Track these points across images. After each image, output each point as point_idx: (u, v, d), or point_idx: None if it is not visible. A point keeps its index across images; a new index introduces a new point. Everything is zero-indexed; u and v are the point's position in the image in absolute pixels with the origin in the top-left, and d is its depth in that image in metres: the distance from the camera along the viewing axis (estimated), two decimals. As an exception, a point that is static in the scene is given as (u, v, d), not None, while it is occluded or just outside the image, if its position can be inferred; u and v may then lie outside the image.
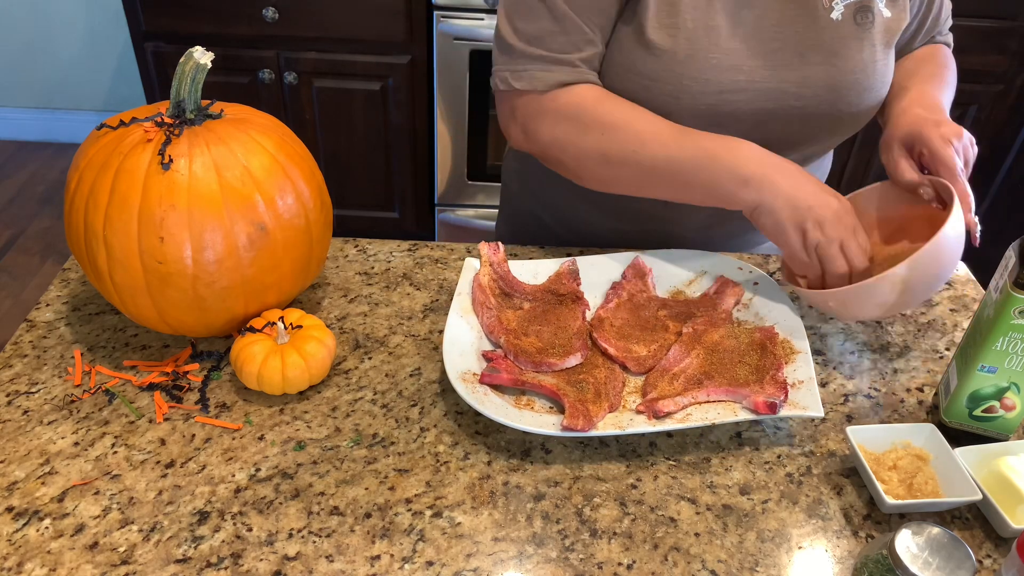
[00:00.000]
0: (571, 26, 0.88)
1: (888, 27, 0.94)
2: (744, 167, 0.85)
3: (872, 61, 0.93)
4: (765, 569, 0.69)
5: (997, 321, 0.72)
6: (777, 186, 0.84)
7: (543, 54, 0.89)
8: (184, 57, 0.79)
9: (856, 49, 0.92)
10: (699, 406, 0.81)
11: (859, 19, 0.91)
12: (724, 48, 0.88)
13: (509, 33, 0.90)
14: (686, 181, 0.88)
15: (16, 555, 0.68)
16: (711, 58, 0.88)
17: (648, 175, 0.90)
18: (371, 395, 0.84)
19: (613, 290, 0.95)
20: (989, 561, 0.71)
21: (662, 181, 0.90)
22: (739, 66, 0.89)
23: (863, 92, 0.94)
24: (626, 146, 0.89)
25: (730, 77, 0.89)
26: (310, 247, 0.86)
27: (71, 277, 0.98)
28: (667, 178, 0.89)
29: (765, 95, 0.91)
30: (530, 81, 0.90)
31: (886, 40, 0.95)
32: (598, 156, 0.90)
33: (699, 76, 0.88)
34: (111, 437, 0.78)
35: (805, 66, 0.91)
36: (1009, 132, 2.18)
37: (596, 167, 0.92)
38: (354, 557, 0.69)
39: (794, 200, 0.84)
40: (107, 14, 2.85)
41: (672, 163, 0.88)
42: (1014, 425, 0.79)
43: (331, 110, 2.22)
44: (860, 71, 0.93)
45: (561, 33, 0.88)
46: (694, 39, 0.87)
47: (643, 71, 0.89)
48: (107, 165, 0.78)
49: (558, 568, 0.69)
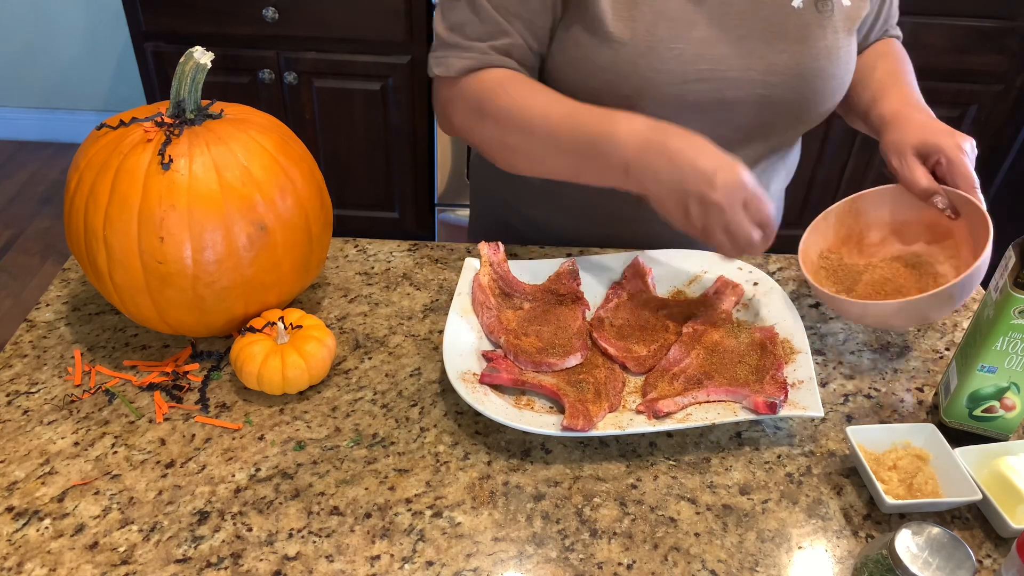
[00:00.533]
0: (486, 16, 0.89)
1: (848, 15, 0.94)
2: (622, 153, 0.81)
3: (836, 48, 0.93)
4: (765, 569, 0.69)
5: (997, 321, 0.72)
6: (656, 171, 0.80)
7: (459, 41, 0.90)
8: (184, 57, 0.79)
9: (819, 36, 0.92)
10: (699, 406, 0.81)
11: (820, 7, 0.91)
12: (686, 38, 0.88)
13: (438, 21, 0.93)
14: (577, 171, 0.87)
15: (16, 555, 0.68)
16: (673, 48, 0.87)
17: (543, 162, 0.89)
18: (371, 395, 0.84)
19: (613, 290, 0.95)
20: (989, 561, 0.71)
21: (558, 169, 0.89)
22: (703, 55, 0.88)
23: (828, 79, 0.94)
24: (518, 132, 0.88)
25: (694, 67, 0.88)
26: (310, 247, 0.86)
27: (71, 277, 0.98)
28: (561, 167, 0.88)
29: (731, 83, 0.90)
30: (445, 67, 0.92)
31: (847, 27, 0.95)
32: (497, 142, 0.91)
33: (661, 67, 0.88)
34: (111, 437, 0.78)
35: (771, 53, 0.91)
36: (1009, 132, 2.18)
37: (497, 152, 0.92)
38: (354, 557, 0.69)
39: (673, 183, 0.79)
40: (107, 14, 2.85)
41: (561, 151, 0.86)
42: (1014, 425, 0.79)
43: (331, 110, 2.22)
44: (824, 58, 0.93)
45: (478, 23, 0.89)
46: (654, 30, 0.87)
47: (604, 65, 0.89)
48: (107, 165, 0.78)
49: (558, 568, 0.69)
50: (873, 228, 0.97)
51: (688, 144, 0.79)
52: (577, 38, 0.89)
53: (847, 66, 0.96)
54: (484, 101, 0.90)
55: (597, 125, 0.83)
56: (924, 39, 2.02)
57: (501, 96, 0.89)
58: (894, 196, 0.94)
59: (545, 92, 0.88)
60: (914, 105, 0.96)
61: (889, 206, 0.95)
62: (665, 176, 0.79)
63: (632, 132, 0.81)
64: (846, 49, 0.95)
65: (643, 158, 0.80)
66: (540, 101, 0.87)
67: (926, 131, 0.91)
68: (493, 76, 0.90)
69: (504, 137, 0.90)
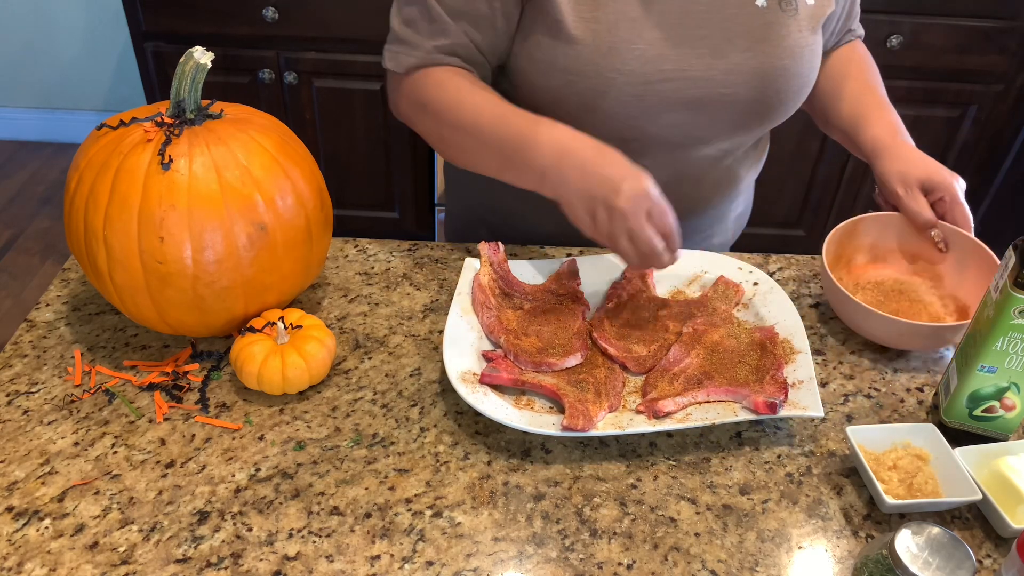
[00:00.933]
0: (434, 14, 0.90)
1: (813, 13, 0.95)
2: (540, 160, 0.84)
3: (800, 47, 0.94)
4: (765, 569, 0.69)
5: (997, 321, 0.72)
6: (569, 178, 0.82)
7: (410, 38, 0.92)
8: (184, 57, 0.79)
9: (783, 35, 0.92)
10: (699, 406, 0.81)
11: (783, 5, 0.91)
12: (648, 38, 0.88)
13: (394, 13, 0.95)
14: (500, 170, 0.90)
15: (16, 555, 0.68)
16: (634, 49, 0.88)
17: (471, 157, 0.93)
18: (371, 395, 0.84)
19: (613, 290, 0.95)
20: (989, 561, 0.71)
21: (484, 166, 0.92)
22: (665, 55, 0.89)
23: (791, 78, 0.95)
24: (451, 127, 0.91)
25: (656, 67, 0.89)
26: (310, 247, 0.86)
27: (71, 277, 0.98)
28: (492, 166, 0.91)
29: (693, 83, 0.91)
30: (395, 63, 0.94)
31: (811, 26, 0.95)
32: (435, 134, 0.94)
33: (623, 68, 0.88)
34: (111, 437, 0.78)
35: (733, 53, 0.91)
36: (1009, 132, 2.18)
37: (435, 143, 0.96)
38: (354, 557, 0.69)
39: (583, 190, 0.81)
40: (107, 14, 2.84)
41: (487, 149, 0.89)
42: (1014, 425, 0.79)
43: (331, 110, 2.22)
44: (788, 57, 0.93)
45: (427, 20, 0.91)
46: (615, 31, 0.87)
47: (565, 66, 0.90)
48: (107, 165, 0.78)
49: (558, 568, 0.69)
50: (860, 252, 1.00)
51: (600, 154, 0.82)
52: (539, 42, 0.90)
53: (811, 64, 0.97)
54: (425, 96, 0.93)
55: (522, 129, 0.86)
56: (924, 39, 2.02)
57: (440, 93, 0.91)
58: (885, 224, 0.99)
59: (482, 92, 0.91)
60: (904, 133, 1.01)
61: (878, 233, 1.00)
62: (576, 183, 0.82)
63: (552, 140, 0.84)
64: (811, 48, 0.96)
65: (558, 165, 0.83)
66: (475, 100, 0.90)
67: (929, 168, 0.95)
68: (437, 74, 0.92)
69: (440, 130, 0.93)
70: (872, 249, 1.00)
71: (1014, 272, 0.70)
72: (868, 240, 1.00)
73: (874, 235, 0.99)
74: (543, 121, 0.85)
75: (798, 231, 2.35)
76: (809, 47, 0.95)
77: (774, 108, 0.97)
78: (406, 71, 0.94)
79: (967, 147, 2.19)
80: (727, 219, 1.14)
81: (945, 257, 0.96)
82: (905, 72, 2.06)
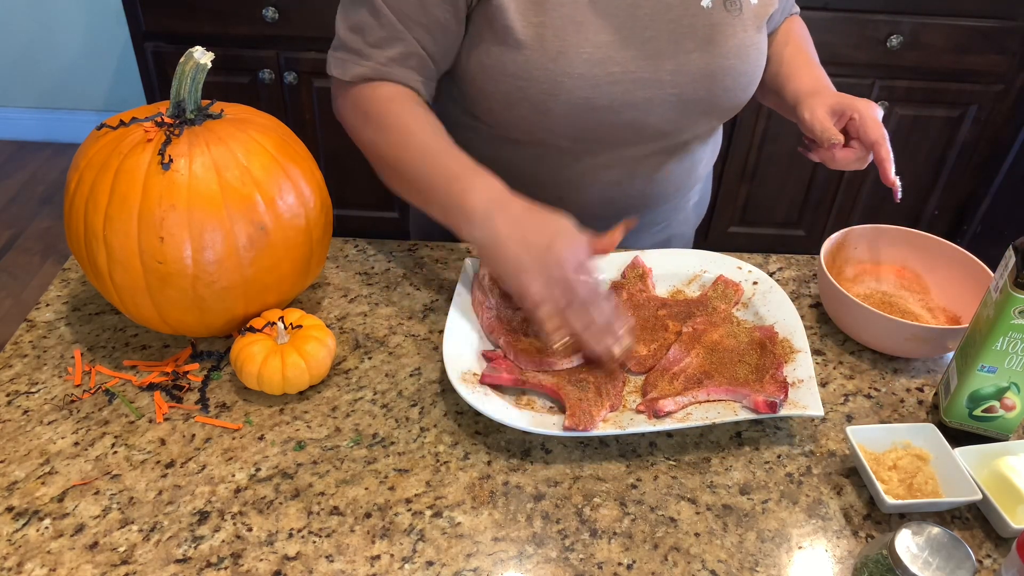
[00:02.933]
0: (385, 21, 0.89)
1: (756, 12, 0.96)
2: (471, 203, 0.82)
3: (746, 46, 0.95)
4: (765, 569, 0.69)
5: (997, 321, 0.72)
6: (497, 228, 0.80)
7: (359, 46, 0.92)
8: (184, 57, 0.79)
9: (729, 35, 0.93)
10: (699, 406, 0.81)
11: (728, 6, 0.92)
12: (595, 41, 0.88)
13: (340, 19, 0.94)
14: (428, 200, 0.88)
15: (16, 555, 0.68)
16: (582, 52, 0.88)
17: (405, 183, 0.91)
18: (371, 395, 0.84)
19: (613, 290, 0.95)
20: (989, 561, 0.71)
21: (414, 193, 0.90)
22: (612, 58, 0.89)
23: (739, 77, 0.96)
24: (392, 149, 0.90)
25: (604, 69, 0.89)
26: (310, 247, 0.86)
27: (71, 277, 0.98)
28: (416, 191, 0.90)
29: (641, 85, 0.91)
30: (342, 70, 0.93)
31: (757, 25, 0.96)
32: (373, 152, 0.93)
33: (571, 71, 0.88)
34: (111, 437, 0.78)
35: (680, 54, 0.92)
36: (1009, 132, 2.18)
37: (373, 160, 0.94)
38: (354, 557, 0.69)
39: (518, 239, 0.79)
40: (107, 14, 2.85)
41: (420, 181, 0.88)
42: (1014, 425, 0.79)
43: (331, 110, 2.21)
44: (734, 56, 0.94)
45: (378, 27, 0.90)
46: (562, 35, 0.88)
47: (515, 72, 0.90)
48: (107, 165, 0.78)
49: (558, 568, 0.69)
50: (849, 264, 1.01)
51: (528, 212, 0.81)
52: (488, 49, 0.91)
53: (757, 62, 0.98)
54: (370, 111, 0.92)
55: (462, 167, 0.85)
56: (924, 39, 2.02)
57: (387, 113, 0.91)
58: (871, 236, 0.99)
59: (428, 122, 0.90)
60: (827, 85, 1.02)
61: (868, 244, 1.00)
62: (510, 228, 0.80)
63: (489, 186, 0.83)
64: (756, 46, 0.97)
65: (490, 213, 0.81)
66: (423, 129, 0.89)
67: (841, 96, 0.96)
68: (385, 91, 0.92)
69: (379, 147, 0.92)
70: (861, 262, 1.00)
71: (1014, 272, 0.70)
72: (857, 252, 1.00)
73: (864, 247, 1.00)
74: (484, 170, 0.85)
75: (798, 231, 2.35)
76: (755, 46, 0.96)
77: (722, 106, 0.98)
78: (353, 79, 0.93)
79: (967, 147, 2.19)
80: (685, 209, 1.16)
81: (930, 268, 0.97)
82: (905, 72, 2.06)
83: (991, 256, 0.89)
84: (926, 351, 0.90)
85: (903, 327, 0.86)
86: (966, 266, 0.93)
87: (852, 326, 0.92)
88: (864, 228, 0.99)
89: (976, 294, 0.91)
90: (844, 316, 0.92)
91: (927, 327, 0.86)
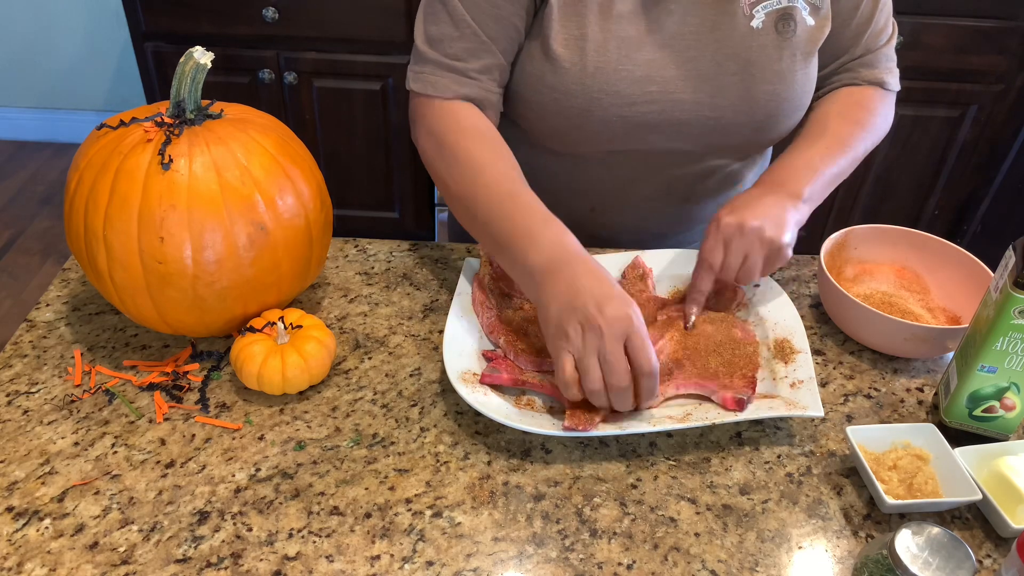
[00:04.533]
0: (468, 32, 0.87)
1: (811, 36, 0.92)
2: (534, 258, 0.79)
3: (791, 71, 0.91)
4: (765, 569, 0.69)
5: (997, 321, 0.72)
6: (555, 286, 0.77)
7: (439, 59, 0.89)
8: (184, 57, 0.79)
9: (775, 59, 0.90)
10: (700, 405, 0.81)
11: (780, 27, 0.89)
12: (636, 59, 0.87)
13: (419, 33, 0.91)
14: (494, 248, 0.85)
15: (16, 555, 0.68)
16: (621, 70, 0.87)
17: (470, 223, 0.88)
18: (371, 395, 0.84)
19: None
20: (989, 561, 0.71)
21: (482, 236, 0.87)
22: (652, 77, 0.88)
23: (781, 103, 0.92)
24: (461, 187, 0.87)
25: (642, 88, 0.88)
26: (310, 247, 0.86)
27: (71, 277, 0.98)
28: (482, 235, 0.87)
29: (679, 106, 0.89)
30: (423, 84, 0.91)
31: (808, 50, 0.92)
32: (441, 181, 0.90)
33: (609, 88, 0.87)
34: (111, 437, 0.78)
35: (721, 76, 0.89)
36: (1009, 132, 2.18)
37: (441, 188, 0.91)
38: (354, 557, 0.69)
39: (565, 299, 0.75)
40: (107, 14, 2.85)
41: (488, 225, 0.84)
42: (1014, 425, 0.79)
43: (331, 110, 2.22)
44: (778, 81, 0.91)
45: (460, 39, 0.88)
46: (603, 51, 0.86)
47: (553, 84, 0.89)
48: (107, 165, 0.78)
49: (558, 568, 0.69)
50: (849, 264, 1.00)
51: (593, 274, 0.77)
52: (532, 54, 0.89)
53: (804, 88, 0.94)
54: (445, 142, 0.89)
55: (531, 219, 0.81)
56: (924, 39, 2.02)
57: (462, 142, 0.88)
58: (871, 236, 0.99)
59: (502, 160, 0.87)
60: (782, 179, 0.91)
61: (868, 245, 1.00)
62: (561, 292, 0.76)
63: (553, 243, 0.79)
64: (803, 72, 0.93)
65: (550, 269, 0.78)
66: (496, 170, 0.86)
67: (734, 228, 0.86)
68: (463, 118, 0.89)
69: (449, 182, 0.89)
70: (861, 262, 1.00)
71: (1014, 272, 0.70)
72: (857, 252, 1.00)
73: (864, 247, 0.99)
74: (552, 221, 0.81)
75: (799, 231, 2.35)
76: (801, 71, 0.93)
77: (763, 131, 0.95)
78: (435, 93, 0.89)
79: (967, 147, 2.19)
80: None
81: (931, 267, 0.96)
82: (905, 72, 2.05)
83: (991, 256, 0.89)
84: (926, 351, 0.89)
85: (903, 327, 0.86)
86: (966, 266, 0.93)
87: (852, 326, 0.92)
88: (864, 228, 0.99)
89: (976, 294, 0.91)
90: (844, 316, 0.92)
91: (927, 327, 0.86)
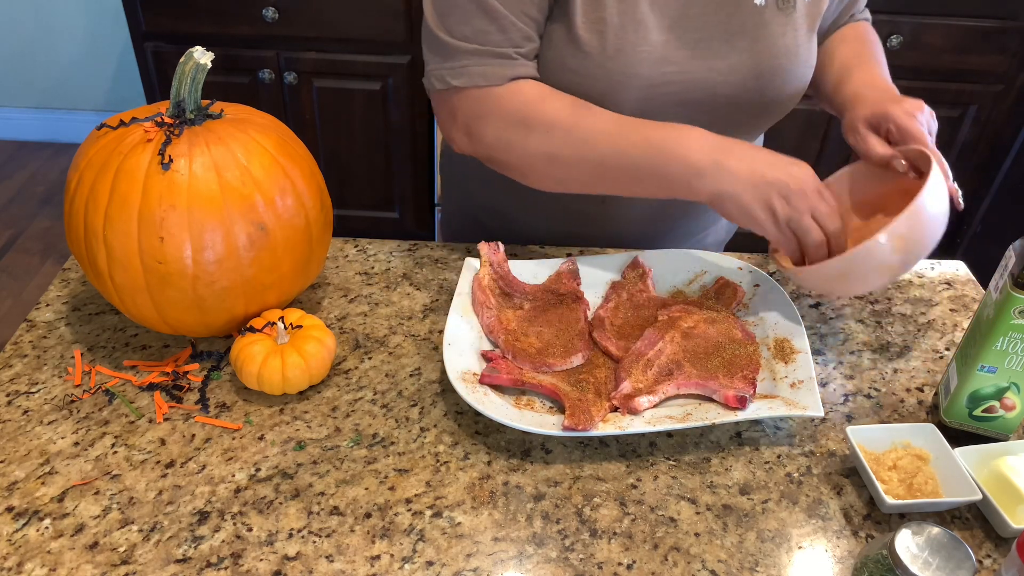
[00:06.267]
0: (506, 23, 0.85)
1: (810, 12, 0.94)
2: (695, 157, 0.83)
3: (795, 46, 0.93)
4: (765, 569, 0.69)
5: (997, 321, 0.72)
6: (732, 171, 0.82)
7: (480, 49, 0.86)
8: (184, 57, 0.79)
9: (779, 34, 0.92)
10: (700, 405, 0.81)
11: (781, 4, 0.91)
12: (652, 41, 0.87)
13: (443, 34, 0.87)
14: (638, 177, 0.86)
15: (16, 555, 0.68)
16: (639, 52, 0.87)
17: (598, 173, 0.88)
18: (371, 395, 0.84)
19: (613, 290, 0.95)
20: (989, 561, 0.71)
21: (614, 178, 0.88)
22: (667, 58, 0.88)
23: (787, 77, 0.94)
24: (573, 146, 0.86)
25: (659, 70, 0.88)
26: (310, 247, 0.86)
27: (71, 277, 0.98)
28: (618, 175, 0.87)
29: (694, 85, 0.90)
30: (469, 77, 0.87)
31: (809, 24, 0.95)
32: (545, 157, 0.88)
33: (628, 71, 0.87)
34: (111, 437, 0.78)
35: (731, 53, 0.91)
36: (1009, 132, 2.18)
37: (544, 167, 0.89)
38: (354, 557, 0.69)
39: (753, 180, 0.81)
40: (107, 14, 2.85)
41: (622, 159, 0.85)
42: (1014, 425, 0.79)
43: (331, 110, 2.22)
44: (784, 56, 0.93)
45: (497, 31, 0.86)
46: (622, 34, 0.87)
47: (574, 67, 0.88)
48: (107, 165, 0.78)
49: (558, 568, 0.69)
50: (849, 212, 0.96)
51: (755, 148, 0.84)
52: (552, 38, 0.89)
53: (806, 63, 0.97)
54: (531, 114, 0.86)
55: (663, 129, 0.85)
56: (924, 39, 2.02)
57: (549, 111, 0.86)
58: (855, 176, 0.96)
59: (594, 107, 0.87)
60: (872, 84, 0.98)
61: (850, 187, 0.96)
62: (743, 175, 0.82)
63: (699, 135, 0.84)
64: (806, 47, 0.95)
65: (717, 159, 0.82)
66: (592, 113, 0.86)
67: (876, 103, 0.93)
68: (533, 89, 0.87)
69: (554, 152, 0.87)
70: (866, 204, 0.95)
71: (1014, 272, 0.70)
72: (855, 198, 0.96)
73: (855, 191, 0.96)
74: (681, 126, 0.85)
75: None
76: (804, 46, 0.95)
77: (769, 108, 0.97)
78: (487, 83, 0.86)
79: (967, 147, 2.19)
80: (722, 218, 1.15)
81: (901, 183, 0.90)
82: (905, 72, 2.06)
83: (991, 256, 0.89)
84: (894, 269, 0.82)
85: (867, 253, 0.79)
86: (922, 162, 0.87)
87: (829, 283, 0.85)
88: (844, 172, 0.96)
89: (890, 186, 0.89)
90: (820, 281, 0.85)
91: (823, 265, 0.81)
